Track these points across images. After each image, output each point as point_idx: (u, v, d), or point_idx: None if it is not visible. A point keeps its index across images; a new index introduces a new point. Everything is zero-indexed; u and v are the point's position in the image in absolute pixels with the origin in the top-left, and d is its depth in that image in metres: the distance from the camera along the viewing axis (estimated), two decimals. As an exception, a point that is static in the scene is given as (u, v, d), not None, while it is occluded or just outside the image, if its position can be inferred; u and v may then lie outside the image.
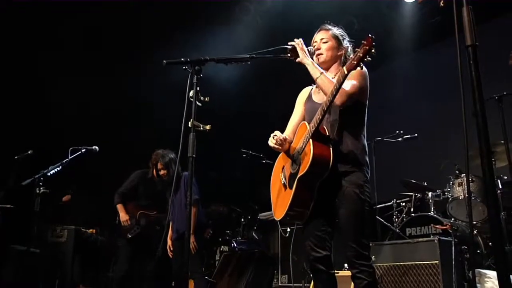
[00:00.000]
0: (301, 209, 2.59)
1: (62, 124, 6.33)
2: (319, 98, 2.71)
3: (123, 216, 5.12)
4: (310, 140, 2.48)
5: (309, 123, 2.59)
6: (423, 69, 6.86)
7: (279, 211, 2.71)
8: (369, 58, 2.28)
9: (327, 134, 2.55)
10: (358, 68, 2.40)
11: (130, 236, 5.09)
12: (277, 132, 2.73)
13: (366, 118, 2.73)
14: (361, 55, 2.27)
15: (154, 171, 4.94)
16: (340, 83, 2.36)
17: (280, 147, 2.72)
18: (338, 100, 2.47)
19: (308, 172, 2.46)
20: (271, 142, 2.72)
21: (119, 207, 5.17)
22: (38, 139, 5.58)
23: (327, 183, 2.51)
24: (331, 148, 2.48)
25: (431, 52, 6.86)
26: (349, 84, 2.48)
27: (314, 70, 2.61)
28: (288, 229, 5.31)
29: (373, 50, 2.25)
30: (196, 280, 4.60)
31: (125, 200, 5.20)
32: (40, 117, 6.35)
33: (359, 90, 2.54)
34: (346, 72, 2.32)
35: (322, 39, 2.77)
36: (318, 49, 2.75)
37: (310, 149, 2.45)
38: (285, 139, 2.70)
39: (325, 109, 2.46)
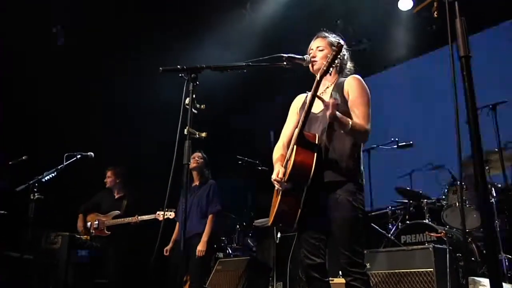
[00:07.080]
0: (289, 211, 2.55)
1: (57, 130, 6.31)
2: (317, 108, 2.66)
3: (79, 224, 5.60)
4: (294, 147, 2.50)
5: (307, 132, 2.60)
6: (418, 77, 6.89)
7: (271, 215, 2.70)
8: (337, 62, 2.47)
9: (316, 141, 2.55)
10: (363, 85, 2.63)
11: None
12: (281, 170, 2.62)
13: None
14: (330, 61, 2.41)
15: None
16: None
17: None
18: (362, 139, 2.62)
19: (290, 179, 2.49)
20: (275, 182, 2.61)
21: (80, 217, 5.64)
22: (32, 145, 5.55)
23: (319, 191, 2.52)
24: (315, 155, 2.48)
25: (426, 60, 6.90)
26: (366, 120, 2.57)
27: (344, 122, 2.50)
28: (279, 234, 5.27)
29: (339, 55, 2.45)
30: None
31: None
32: (35, 123, 6.33)
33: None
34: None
35: (318, 47, 2.77)
36: (314, 56, 2.74)
37: (292, 155, 2.48)
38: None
39: (306, 113, 2.50)
